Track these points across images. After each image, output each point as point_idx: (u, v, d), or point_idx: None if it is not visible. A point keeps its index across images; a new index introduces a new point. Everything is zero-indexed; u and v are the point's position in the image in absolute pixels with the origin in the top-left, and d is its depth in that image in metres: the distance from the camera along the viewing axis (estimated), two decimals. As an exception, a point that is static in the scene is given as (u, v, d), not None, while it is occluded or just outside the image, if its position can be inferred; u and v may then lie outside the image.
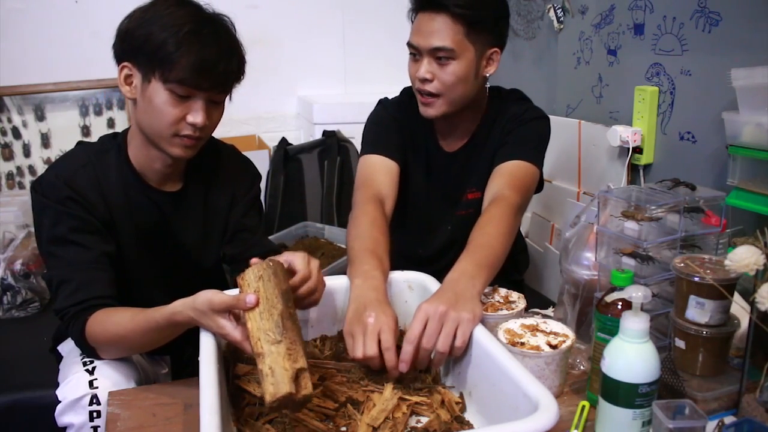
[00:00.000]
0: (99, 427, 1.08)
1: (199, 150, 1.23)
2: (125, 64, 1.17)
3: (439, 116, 1.43)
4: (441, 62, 1.38)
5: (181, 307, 1.00)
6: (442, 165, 1.55)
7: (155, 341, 1.10)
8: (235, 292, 0.99)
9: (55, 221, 1.16)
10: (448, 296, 1.06)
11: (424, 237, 1.61)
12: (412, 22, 1.44)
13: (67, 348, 1.27)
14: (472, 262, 1.15)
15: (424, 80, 1.39)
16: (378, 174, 1.45)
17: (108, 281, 1.17)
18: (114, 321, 1.10)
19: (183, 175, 1.30)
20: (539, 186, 1.51)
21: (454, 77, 1.38)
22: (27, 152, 2.56)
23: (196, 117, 1.15)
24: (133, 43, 1.14)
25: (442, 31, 1.36)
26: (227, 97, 1.23)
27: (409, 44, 1.42)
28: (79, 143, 1.29)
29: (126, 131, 1.28)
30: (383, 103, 1.61)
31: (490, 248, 1.20)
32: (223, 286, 1.04)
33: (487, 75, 1.44)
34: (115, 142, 1.27)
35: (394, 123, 1.54)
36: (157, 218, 1.28)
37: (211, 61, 1.12)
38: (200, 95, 1.15)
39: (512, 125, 1.46)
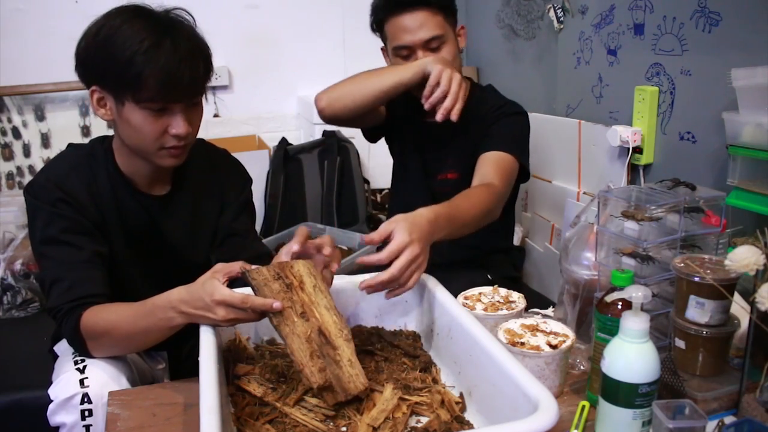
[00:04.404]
0: (91, 425, 1.08)
1: (188, 153, 1.23)
2: (94, 87, 1.16)
3: None
4: (434, 50, 1.54)
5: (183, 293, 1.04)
6: (419, 133, 1.68)
7: (151, 333, 1.09)
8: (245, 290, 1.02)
9: (47, 222, 1.17)
10: (425, 237, 1.11)
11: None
12: (382, 30, 1.60)
13: (62, 348, 1.27)
14: (448, 216, 1.21)
15: None
16: None
17: (102, 280, 1.18)
18: (110, 310, 1.11)
19: (171, 179, 1.31)
20: (526, 176, 1.61)
21: (450, 56, 1.55)
22: (27, 152, 2.56)
23: (179, 128, 1.15)
24: (96, 68, 1.14)
25: (428, 22, 1.52)
26: (203, 96, 1.22)
27: (399, 47, 1.55)
28: (70, 145, 1.30)
29: (111, 138, 1.28)
30: None
31: (466, 212, 1.29)
32: None
33: (462, 48, 1.64)
34: (103, 147, 1.27)
35: None
36: (146, 221, 1.28)
37: (179, 73, 1.11)
38: (177, 106, 1.14)
39: (495, 116, 1.59)
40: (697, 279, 1.00)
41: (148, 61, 1.09)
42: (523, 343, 1.05)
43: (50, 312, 1.15)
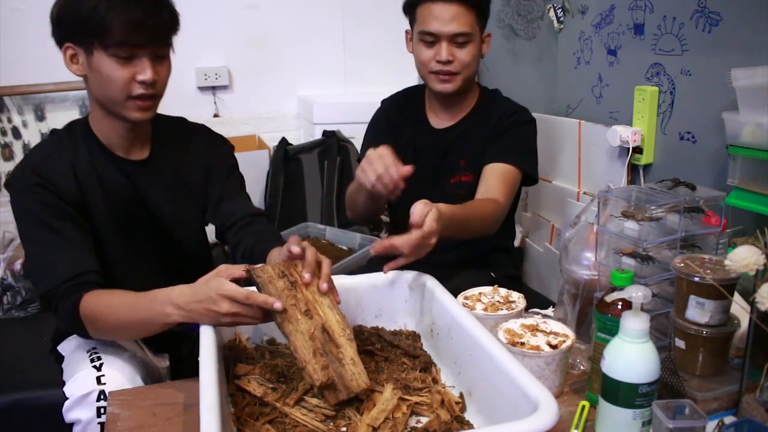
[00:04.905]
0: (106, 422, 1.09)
1: (166, 121, 1.27)
2: (67, 45, 1.20)
3: (454, 91, 1.60)
4: (460, 45, 1.55)
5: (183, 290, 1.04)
6: (429, 140, 1.69)
7: (146, 325, 1.10)
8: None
9: (28, 208, 1.19)
10: (441, 229, 1.16)
11: None
12: (413, 12, 1.59)
13: (69, 347, 1.28)
14: (461, 220, 1.29)
15: (447, 62, 1.55)
16: None
17: (91, 256, 1.19)
18: (111, 294, 1.13)
19: (149, 143, 1.33)
20: (533, 180, 1.66)
21: (470, 57, 1.57)
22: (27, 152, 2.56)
23: (145, 74, 1.18)
24: (67, 24, 1.18)
25: (460, 17, 1.53)
26: (170, 51, 1.25)
27: (426, 32, 1.55)
28: (52, 132, 1.33)
29: (88, 114, 1.31)
30: (382, 102, 1.78)
31: (474, 222, 1.38)
32: (210, 269, 1.07)
33: (483, 54, 1.66)
34: (81, 121, 1.30)
35: (386, 120, 1.73)
36: (127, 188, 1.29)
37: (141, 18, 1.15)
38: (143, 52, 1.18)
39: (505, 124, 1.62)
40: (697, 279, 1.00)
41: (112, 6, 1.14)
42: (523, 343, 1.05)
43: (44, 297, 1.15)
